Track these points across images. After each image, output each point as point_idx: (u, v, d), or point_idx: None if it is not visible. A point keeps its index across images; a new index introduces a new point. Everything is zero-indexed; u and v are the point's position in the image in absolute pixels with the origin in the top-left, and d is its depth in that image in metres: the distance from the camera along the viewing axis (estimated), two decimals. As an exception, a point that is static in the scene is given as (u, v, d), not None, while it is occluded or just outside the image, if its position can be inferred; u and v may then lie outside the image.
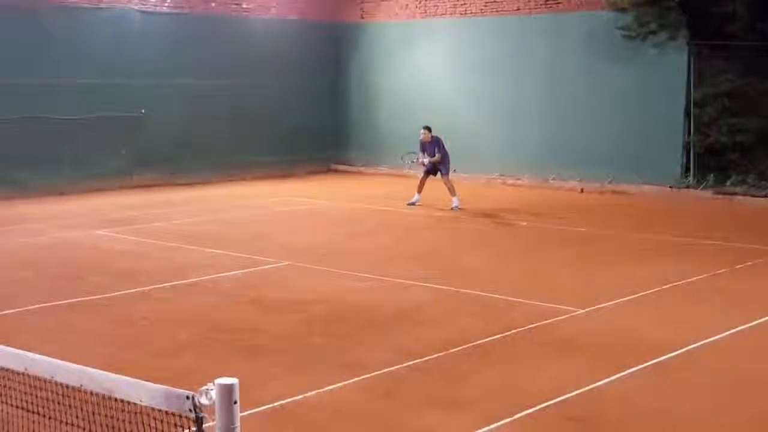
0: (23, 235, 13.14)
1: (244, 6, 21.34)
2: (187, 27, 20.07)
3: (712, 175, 17.62)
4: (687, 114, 18.23)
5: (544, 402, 6.26)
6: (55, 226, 13.88)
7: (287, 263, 11.17)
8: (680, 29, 17.99)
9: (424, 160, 16.50)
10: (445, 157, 16.47)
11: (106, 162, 18.74)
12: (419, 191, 16.50)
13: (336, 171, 22.79)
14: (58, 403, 3.16)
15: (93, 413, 3.02)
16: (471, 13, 21.22)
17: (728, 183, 17.42)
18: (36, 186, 17.36)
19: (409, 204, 16.44)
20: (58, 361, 3.20)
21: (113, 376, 3.05)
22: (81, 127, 18.30)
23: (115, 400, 2.99)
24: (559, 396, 6.38)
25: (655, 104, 18.55)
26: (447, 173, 16.47)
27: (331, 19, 22.93)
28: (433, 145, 16.48)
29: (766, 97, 17.29)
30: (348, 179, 21.59)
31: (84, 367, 3.15)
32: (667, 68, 18.29)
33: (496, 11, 20.82)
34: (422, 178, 16.58)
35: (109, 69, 18.69)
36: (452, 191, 16.14)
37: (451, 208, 15.94)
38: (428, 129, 16.58)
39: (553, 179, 19.57)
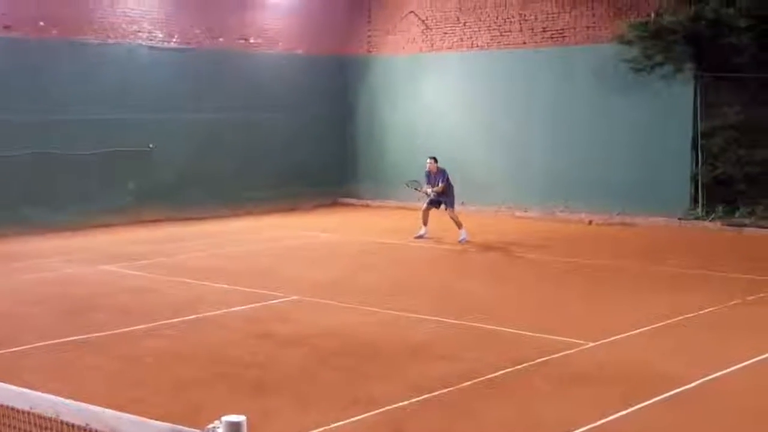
0: (31, 272, 13.10)
1: (252, 41, 21.46)
2: (195, 62, 20.18)
3: (720, 206, 17.55)
4: (695, 145, 18.21)
5: (557, 437, 6.16)
6: (62, 262, 13.86)
7: (295, 297, 11.11)
8: (686, 61, 18.02)
9: (428, 189, 16.47)
10: (449, 189, 16.43)
11: (114, 197, 18.76)
12: (425, 223, 16.43)
13: (344, 204, 22.77)
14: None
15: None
16: (478, 46, 21.29)
17: (737, 214, 17.35)
18: (44, 222, 17.35)
19: (416, 237, 16.35)
20: (63, 400, 3.15)
21: (118, 414, 3.00)
22: (89, 163, 18.36)
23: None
24: (572, 431, 6.28)
25: (662, 136, 18.52)
26: (452, 206, 16.41)
27: (338, 52, 23.04)
28: (438, 176, 16.43)
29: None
30: (355, 212, 21.57)
31: (89, 406, 3.10)
32: (675, 100, 18.29)
33: (503, 45, 20.88)
34: (425, 209, 16.52)
35: (117, 104, 18.77)
36: (458, 224, 16.06)
37: (459, 241, 15.83)
38: (434, 159, 16.57)
39: (562, 211, 19.52)
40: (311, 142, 22.42)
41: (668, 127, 18.48)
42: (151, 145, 19.33)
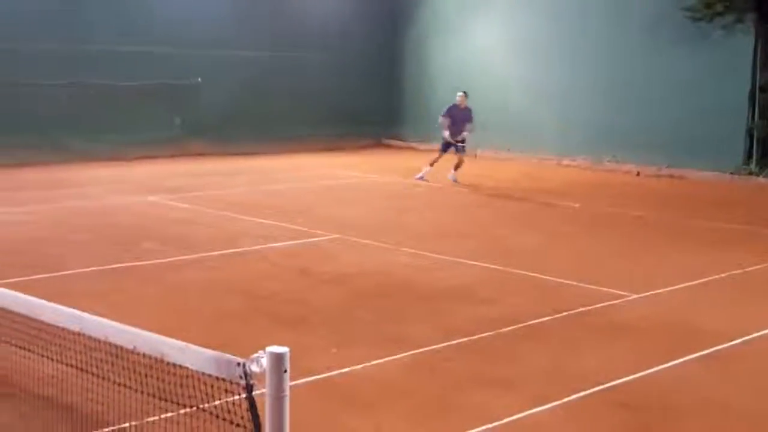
0: (76, 199, 13.30)
1: (302, -21, 21.29)
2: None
3: None
4: (752, 99, 17.80)
5: (594, 386, 6.15)
6: (107, 192, 14.04)
7: (336, 236, 11.15)
8: (747, 11, 17.53)
9: (445, 133, 16.36)
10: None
11: (159, 129, 18.90)
12: (431, 165, 16.45)
13: (387, 146, 22.70)
14: (112, 364, 3.15)
15: (145, 375, 3.01)
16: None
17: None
18: (87, 151, 17.56)
19: (417, 178, 16.46)
20: (112, 323, 3.19)
21: (166, 339, 3.03)
22: (134, 94, 18.48)
23: (167, 363, 2.97)
24: (610, 381, 6.26)
25: (718, 88, 18.11)
26: (464, 151, 16.45)
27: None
28: (466, 113, 16.27)
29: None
30: (399, 154, 21.51)
31: (138, 329, 3.14)
32: (733, 51, 17.87)
33: (557, -14, 20.47)
34: (440, 155, 16.52)
35: (165, 37, 18.80)
36: (459, 166, 16.20)
37: (448, 178, 16.15)
38: (465, 94, 16.46)
39: (609, 161, 19.28)
40: (358, 83, 22.31)
41: (725, 79, 18.05)
42: (198, 79, 19.37)
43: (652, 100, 18.99)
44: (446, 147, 16.46)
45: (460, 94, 16.48)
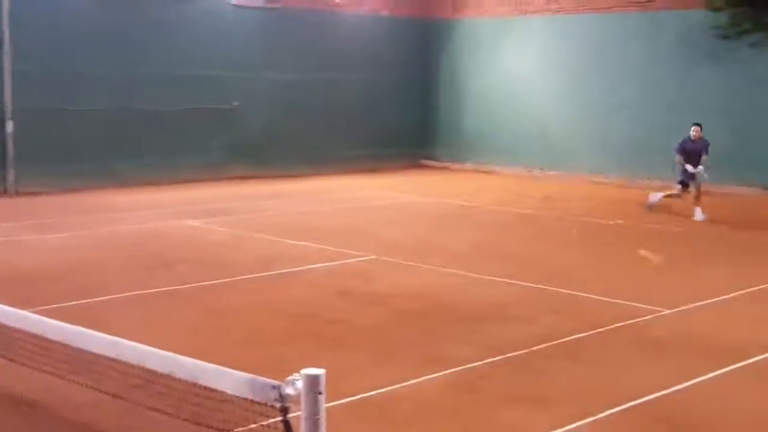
0: (115, 224, 13.52)
1: (337, 1, 21.49)
2: (280, 21, 20.34)
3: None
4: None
5: (630, 402, 6.17)
6: (146, 216, 14.25)
7: (374, 257, 11.24)
8: None
9: (687, 167, 14.95)
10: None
11: (198, 153, 19.14)
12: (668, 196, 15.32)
13: (424, 166, 22.80)
14: (146, 389, 3.25)
15: (180, 400, 3.09)
16: (565, 10, 20.95)
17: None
18: (128, 176, 17.85)
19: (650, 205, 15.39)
20: (149, 348, 3.29)
21: (201, 363, 3.12)
22: (174, 118, 18.75)
23: (203, 388, 3.06)
24: (646, 396, 6.28)
25: (749, 104, 18.11)
26: (699, 181, 15.02)
27: (422, 15, 22.93)
28: (700, 145, 15.02)
29: None
30: (435, 175, 21.59)
31: (173, 354, 3.22)
32: (763, 68, 17.87)
33: (590, 9, 20.50)
34: (682, 190, 15.06)
35: (202, 61, 19.08)
36: (698, 198, 14.91)
37: (696, 220, 14.72)
38: (700, 127, 15.18)
39: (643, 178, 19.18)
40: (394, 105, 22.46)
41: (757, 95, 18.03)
42: (235, 103, 19.62)
43: (684, 118, 18.80)
44: (686, 182, 15.04)
45: (694, 127, 15.16)
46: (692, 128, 15.21)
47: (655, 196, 15.49)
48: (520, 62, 21.60)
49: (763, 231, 13.78)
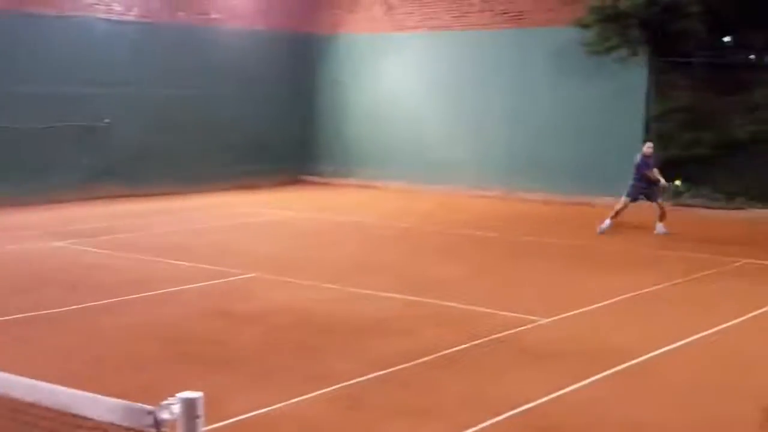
0: (-17, 247, 12.92)
1: (213, 15, 21.23)
2: (153, 36, 19.93)
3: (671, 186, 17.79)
4: (646, 128, 18.50)
5: (511, 410, 6.26)
6: (12, 238, 13.65)
7: (254, 274, 11.09)
8: (640, 45, 18.25)
9: (662, 181, 14.69)
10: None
11: (68, 173, 18.51)
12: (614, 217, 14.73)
13: (305, 182, 22.73)
14: (13, 420, 3.08)
15: (50, 431, 2.94)
16: (439, 27, 21.31)
17: (686, 195, 17.64)
18: (-5, 196, 17.11)
19: (600, 232, 14.66)
20: (14, 377, 3.11)
21: (70, 391, 2.97)
22: (43, 137, 18.09)
23: (73, 416, 2.91)
24: (526, 404, 6.39)
25: (616, 118, 18.82)
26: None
27: (300, 30, 22.90)
28: (654, 161, 14.88)
29: (721, 112, 17.62)
30: (316, 190, 21.55)
31: (41, 383, 3.07)
32: (628, 83, 18.61)
33: (464, 26, 20.94)
34: (629, 202, 14.72)
35: (73, 78, 18.51)
36: (663, 215, 14.77)
37: (656, 233, 14.61)
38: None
39: (520, 191, 19.65)
40: (272, 120, 22.31)
41: (622, 109, 18.80)
42: (106, 120, 19.09)
43: (556, 131, 19.55)
44: (638, 197, 14.81)
45: (649, 144, 15.05)
46: (647, 145, 14.97)
47: (605, 223, 14.80)
48: (398, 77, 21.84)
49: (631, 240, 14.29)
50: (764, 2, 16.74)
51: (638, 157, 14.82)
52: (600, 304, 9.62)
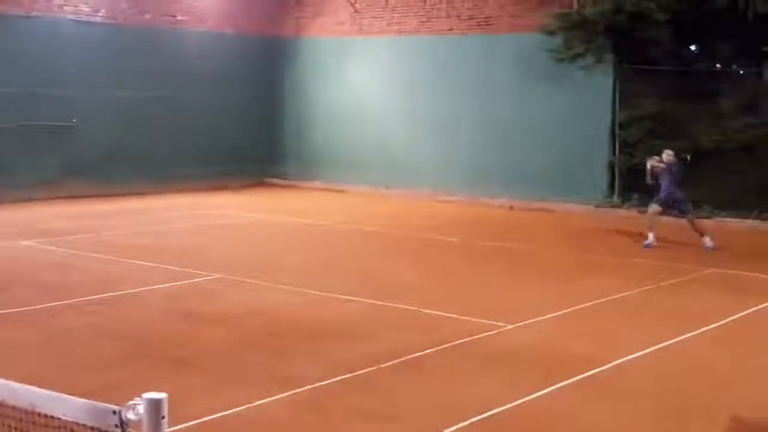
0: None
1: (179, 18, 21.18)
2: (121, 37, 19.84)
3: (635, 195, 17.99)
4: (612, 135, 18.70)
5: (473, 417, 6.32)
6: (-21, 237, 13.56)
7: (219, 276, 11.09)
8: (606, 53, 18.43)
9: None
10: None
11: (35, 172, 18.37)
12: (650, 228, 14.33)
13: (270, 185, 22.72)
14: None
15: (14, 429, 2.96)
16: (405, 32, 21.41)
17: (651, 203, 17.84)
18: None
19: (646, 246, 14.18)
20: (-21, 376, 3.13)
21: (35, 390, 3.00)
22: (10, 136, 17.94)
23: (39, 415, 2.94)
24: (488, 411, 6.45)
25: (582, 125, 18.96)
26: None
27: (267, 33, 22.90)
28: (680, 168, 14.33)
29: (687, 120, 17.81)
30: (282, 193, 21.55)
31: (5, 381, 3.09)
32: (594, 90, 18.74)
33: (430, 31, 21.04)
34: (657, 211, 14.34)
35: (39, 78, 18.38)
36: (648, 230, 14.33)
37: (645, 246, 14.17)
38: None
39: (484, 196, 19.79)
40: (238, 122, 22.29)
41: (588, 116, 18.92)
42: (74, 120, 18.98)
43: (522, 136, 19.68)
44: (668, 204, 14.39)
45: (668, 151, 14.37)
46: (666, 153, 14.36)
47: (650, 238, 14.29)
48: (363, 81, 21.91)
49: (597, 248, 14.45)
50: (730, 11, 16.96)
51: (664, 165, 14.14)
52: (565, 311, 9.71)
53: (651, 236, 14.26)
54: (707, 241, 14.07)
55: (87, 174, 19.10)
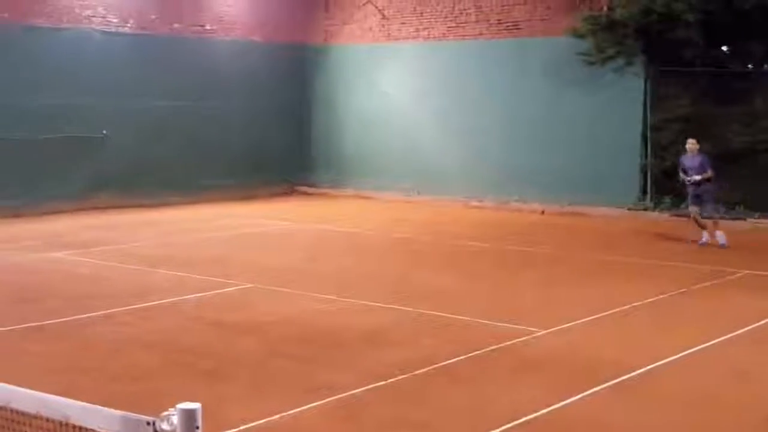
0: (-20, 258, 12.90)
1: (208, 27, 21.28)
2: (150, 48, 19.95)
3: (668, 197, 17.81)
4: (644, 138, 18.52)
5: (507, 423, 6.24)
6: (10, 249, 13.64)
7: (250, 285, 11.08)
8: (637, 55, 18.26)
9: (694, 177, 14.25)
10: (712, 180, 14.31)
11: (65, 184, 18.51)
12: (704, 227, 14.44)
13: (300, 193, 22.75)
14: (12, 431, 3.08)
15: (49, 440, 2.95)
16: (434, 37, 21.37)
17: (683, 205, 17.64)
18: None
19: (701, 244, 14.38)
20: (13, 387, 3.12)
21: (69, 401, 2.98)
22: (41, 148, 18.09)
23: (72, 427, 2.92)
24: (523, 417, 6.37)
25: (613, 128, 18.79)
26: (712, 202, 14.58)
27: (295, 41, 22.95)
28: (701, 160, 14.39)
29: (719, 122, 17.59)
30: (312, 201, 21.56)
31: (40, 393, 3.07)
32: (625, 93, 18.57)
33: (459, 36, 20.99)
34: (695, 212, 14.41)
35: (70, 89, 18.52)
36: (707, 225, 14.41)
37: (720, 245, 14.20)
38: (696, 140, 14.52)
39: (515, 201, 19.68)
40: (268, 131, 22.33)
41: (619, 119, 18.75)
42: (104, 132, 19.11)
43: (552, 140, 19.56)
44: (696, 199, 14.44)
45: (691, 140, 14.51)
46: (688, 142, 14.57)
47: (704, 236, 14.41)
48: (393, 88, 21.88)
49: (630, 252, 14.29)
50: (762, 12, 16.75)
51: (695, 159, 14.32)
52: (598, 315, 9.60)
53: (705, 235, 14.49)
54: (704, 235, 14.43)
55: (116, 185, 19.21)
